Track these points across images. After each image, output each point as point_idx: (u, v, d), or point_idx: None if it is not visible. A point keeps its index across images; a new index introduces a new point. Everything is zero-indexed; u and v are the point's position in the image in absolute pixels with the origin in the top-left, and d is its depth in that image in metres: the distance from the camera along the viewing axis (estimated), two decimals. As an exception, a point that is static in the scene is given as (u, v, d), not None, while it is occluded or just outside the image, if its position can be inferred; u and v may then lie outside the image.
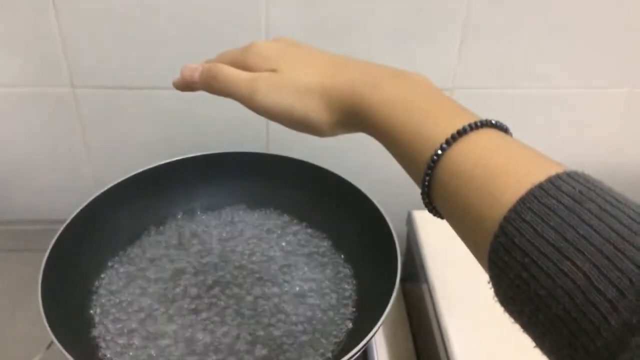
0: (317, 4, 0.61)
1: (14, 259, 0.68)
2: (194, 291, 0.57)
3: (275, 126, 0.68)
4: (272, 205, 0.66)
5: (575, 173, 0.28)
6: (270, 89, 0.37)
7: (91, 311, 0.55)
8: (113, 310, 0.55)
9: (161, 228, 0.64)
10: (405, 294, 0.72)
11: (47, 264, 0.51)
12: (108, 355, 0.51)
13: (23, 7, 0.60)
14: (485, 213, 0.28)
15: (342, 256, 0.61)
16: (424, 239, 0.64)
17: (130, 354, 0.51)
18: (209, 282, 0.58)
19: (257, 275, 0.59)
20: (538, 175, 0.27)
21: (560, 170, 0.28)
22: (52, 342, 0.55)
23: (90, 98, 0.66)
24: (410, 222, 0.67)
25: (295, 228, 0.65)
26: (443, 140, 0.31)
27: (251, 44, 0.40)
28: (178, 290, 0.57)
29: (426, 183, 0.32)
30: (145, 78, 0.65)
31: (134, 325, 0.53)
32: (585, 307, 0.24)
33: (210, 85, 0.40)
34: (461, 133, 0.31)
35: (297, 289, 0.58)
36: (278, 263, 0.60)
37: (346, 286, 0.58)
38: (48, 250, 0.52)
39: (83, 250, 0.56)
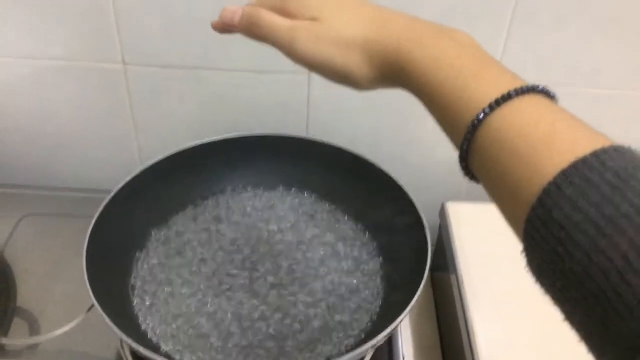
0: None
1: (60, 223, 0.70)
2: (229, 267, 0.58)
3: (315, 111, 0.69)
4: (309, 188, 0.66)
5: (622, 148, 0.26)
6: (311, 39, 0.36)
7: (132, 280, 0.56)
8: (151, 280, 0.56)
9: (201, 204, 0.65)
10: (433, 283, 0.71)
11: (93, 230, 0.52)
12: (144, 323, 0.52)
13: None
14: (524, 183, 0.27)
15: (374, 243, 0.61)
16: (455, 231, 0.63)
17: (165, 322, 0.52)
18: (244, 259, 0.59)
19: (289, 256, 0.59)
20: (583, 147, 0.26)
21: (607, 144, 0.26)
22: (92, 306, 0.57)
23: (140, 75, 0.67)
24: (443, 213, 0.67)
25: (329, 212, 0.65)
26: (486, 104, 0.29)
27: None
28: (214, 265, 0.58)
29: (465, 147, 0.31)
30: (191, 58, 0.65)
31: (169, 296, 0.55)
32: (621, 287, 0.23)
33: (250, 30, 0.38)
34: (506, 98, 0.29)
35: (328, 272, 0.58)
36: (310, 246, 0.61)
37: (376, 272, 0.58)
38: (95, 218, 0.53)
39: (126, 221, 0.58)
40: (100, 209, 0.54)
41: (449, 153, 0.79)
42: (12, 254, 0.66)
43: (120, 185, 0.57)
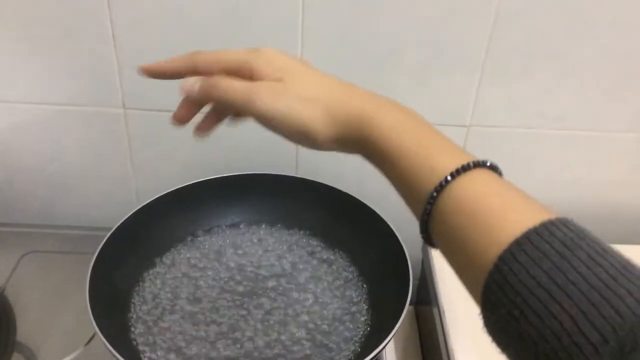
0: (347, 44, 0.63)
1: (60, 260, 0.70)
2: (223, 299, 0.59)
3: (303, 151, 0.71)
4: (297, 224, 0.68)
5: (567, 220, 0.28)
6: (272, 94, 0.36)
7: (131, 312, 0.57)
8: (149, 312, 0.57)
9: (196, 240, 0.66)
10: (418, 315, 0.72)
11: (94, 265, 0.54)
12: (143, 353, 0.53)
13: (86, 37, 0.63)
14: (481, 250, 0.28)
15: (359, 276, 0.63)
16: (436, 264, 0.65)
17: (163, 353, 0.53)
18: (237, 292, 0.60)
19: (275, 290, 0.60)
20: (533, 219, 0.28)
21: (553, 216, 0.28)
22: (91, 339, 0.58)
23: (139, 118, 0.69)
24: (425, 248, 0.68)
25: (316, 247, 0.66)
26: (447, 173, 0.31)
27: (260, 49, 0.39)
28: (209, 298, 0.59)
29: (427, 213, 0.32)
30: (188, 103, 0.67)
31: (167, 327, 0.55)
32: (571, 349, 0.24)
33: (209, 93, 0.38)
34: (465, 168, 0.31)
35: (314, 303, 0.59)
36: (298, 279, 0.62)
37: (361, 304, 0.59)
38: (95, 254, 0.55)
39: (125, 256, 0.59)
40: (100, 246, 0.56)
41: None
42: (13, 289, 0.66)
43: (118, 224, 0.59)
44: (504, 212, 0.29)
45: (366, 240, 0.63)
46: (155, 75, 0.42)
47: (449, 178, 0.31)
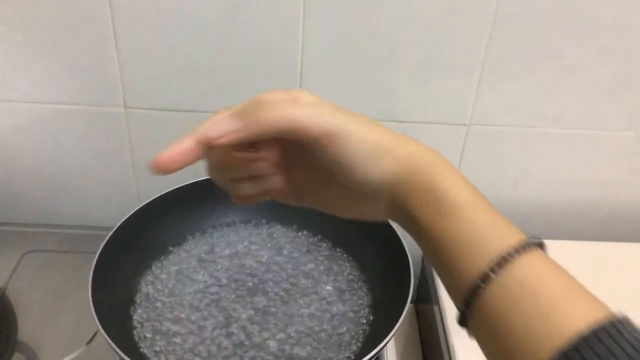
0: (348, 43, 0.63)
1: (62, 259, 0.70)
2: (223, 297, 0.58)
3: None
4: (297, 223, 0.68)
5: (627, 318, 0.27)
6: (333, 111, 0.32)
7: (133, 310, 0.57)
8: (151, 310, 0.57)
9: (197, 239, 0.66)
10: (418, 313, 0.72)
11: (96, 264, 0.53)
12: (145, 350, 0.53)
13: (87, 37, 0.63)
14: (538, 342, 0.26)
15: (360, 274, 0.62)
16: (437, 263, 0.64)
17: (165, 351, 0.53)
18: (237, 290, 0.60)
19: (277, 288, 0.60)
20: (594, 312, 0.26)
21: (610, 310, 0.27)
22: (92, 337, 0.57)
23: (140, 118, 0.69)
24: (425, 246, 0.68)
25: (316, 245, 0.66)
26: (507, 251, 0.28)
27: (296, 91, 0.33)
28: (210, 295, 0.59)
29: (470, 299, 0.29)
30: (188, 102, 0.68)
31: (169, 326, 0.55)
32: None
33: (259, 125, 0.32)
34: (523, 248, 0.28)
35: (314, 302, 0.59)
36: (298, 277, 0.62)
37: (361, 302, 0.59)
38: (97, 253, 0.55)
39: (126, 255, 0.59)
40: (102, 245, 0.56)
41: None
42: (14, 289, 0.66)
43: (119, 223, 0.59)
44: (565, 302, 0.27)
45: (367, 238, 0.63)
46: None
47: (508, 257, 0.28)
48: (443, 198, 0.31)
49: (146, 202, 0.62)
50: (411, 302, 0.52)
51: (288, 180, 0.36)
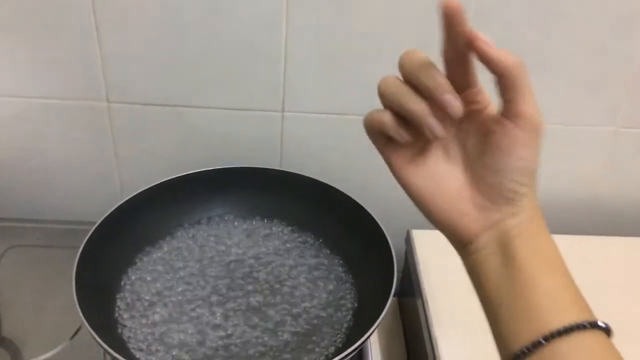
0: (332, 39, 0.63)
1: (45, 254, 0.70)
2: (207, 293, 0.58)
3: (288, 145, 0.71)
4: (281, 217, 0.68)
5: None
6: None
7: (117, 304, 0.57)
8: (136, 304, 0.57)
9: (180, 233, 0.66)
10: (401, 306, 0.73)
11: (79, 259, 0.53)
12: (130, 343, 0.52)
13: (69, 31, 0.62)
14: None
15: (344, 268, 0.63)
16: (420, 256, 0.65)
17: (151, 344, 0.53)
18: (221, 285, 0.60)
19: (262, 282, 0.60)
20: None
21: None
22: (76, 332, 0.57)
23: (123, 112, 0.68)
24: (408, 240, 0.68)
25: (301, 239, 0.66)
26: (560, 326, 0.29)
27: None
28: (194, 290, 0.59)
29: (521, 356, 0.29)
30: (172, 97, 0.67)
31: (154, 320, 0.55)
32: None
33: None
34: (579, 327, 0.29)
35: (298, 295, 0.59)
36: (282, 271, 0.62)
37: (345, 295, 0.60)
38: (81, 248, 0.54)
39: (110, 250, 0.59)
40: (85, 239, 0.55)
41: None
42: (-3, 284, 0.65)
43: (102, 217, 0.58)
44: None
45: (351, 233, 0.63)
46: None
47: (555, 333, 0.29)
48: (549, 254, 0.32)
49: (129, 196, 0.61)
50: (394, 295, 0.53)
51: (450, 143, 0.35)
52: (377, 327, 0.49)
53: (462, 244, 0.34)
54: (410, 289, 0.65)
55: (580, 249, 0.69)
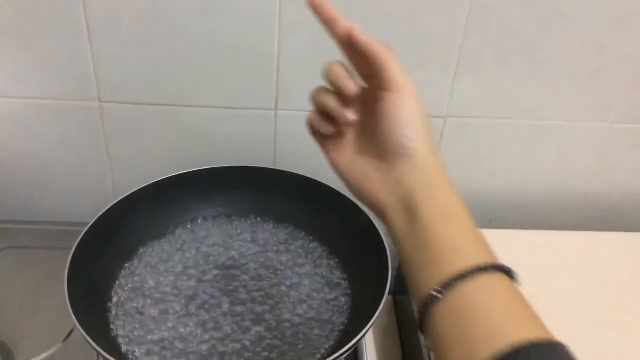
0: (325, 37, 0.62)
1: (38, 256, 0.69)
2: (202, 293, 0.58)
3: (282, 143, 0.71)
4: (276, 216, 0.68)
5: (566, 347, 0.29)
6: (401, 70, 0.38)
7: (110, 306, 0.56)
8: (129, 306, 0.56)
9: (174, 234, 0.65)
10: (396, 305, 0.73)
11: (72, 261, 0.52)
12: (124, 345, 0.52)
13: (60, 29, 0.62)
14: (473, 354, 0.29)
15: (339, 267, 0.63)
16: (415, 254, 0.65)
17: (144, 346, 0.52)
18: (216, 285, 0.59)
19: (256, 281, 0.60)
20: (535, 334, 0.29)
21: (549, 336, 0.29)
22: (69, 334, 0.57)
23: (115, 112, 0.68)
24: (403, 238, 0.68)
25: (296, 238, 0.66)
26: (463, 270, 0.31)
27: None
28: (189, 291, 0.59)
29: (429, 301, 0.32)
30: (165, 96, 0.67)
31: (147, 321, 0.55)
32: None
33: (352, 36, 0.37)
34: (481, 269, 0.31)
35: (293, 294, 0.59)
36: (278, 270, 0.62)
37: (340, 294, 0.59)
38: (73, 249, 0.54)
39: (103, 251, 0.58)
40: (77, 241, 0.55)
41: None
42: (-11, 286, 0.64)
43: (95, 218, 0.58)
44: (504, 322, 0.30)
45: (345, 231, 0.63)
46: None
47: (457, 277, 0.31)
48: (448, 205, 0.36)
49: (122, 197, 0.61)
50: (389, 294, 0.53)
51: (358, 127, 0.40)
52: (372, 325, 0.49)
53: (382, 214, 0.38)
54: (406, 287, 0.64)
55: (575, 245, 0.69)
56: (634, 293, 0.62)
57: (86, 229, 0.56)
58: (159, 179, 0.63)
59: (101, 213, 0.58)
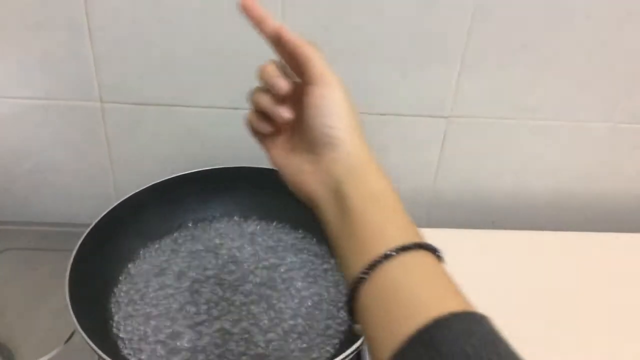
0: (327, 37, 0.63)
1: (38, 257, 0.69)
2: (205, 293, 0.58)
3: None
4: (279, 217, 0.67)
5: (487, 317, 0.29)
6: (327, 66, 0.39)
7: (111, 307, 0.56)
8: (130, 306, 0.56)
9: (175, 235, 0.65)
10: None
11: (73, 262, 0.52)
12: (124, 348, 0.52)
13: (60, 29, 0.62)
14: (396, 328, 0.30)
15: (342, 268, 0.62)
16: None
17: (145, 347, 0.52)
18: (219, 285, 0.59)
19: (259, 282, 0.60)
20: (457, 306, 0.29)
21: (470, 309, 0.30)
22: (71, 336, 0.56)
23: (117, 113, 0.67)
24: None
25: (299, 239, 0.66)
26: (393, 248, 0.32)
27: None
28: (191, 292, 0.58)
29: (355, 286, 0.33)
30: (166, 96, 0.66)
31: (148, 322, 0.54)
32: None
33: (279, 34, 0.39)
34: (405, 249, 0.32)
35: (296, 295, 0.59)
36: (281, 270, 0.61)
37: (343, 296, 0.59)
38: (74, 251, 0.54)
39: (105, 251, 0.58)
40: (79, 242, 0.55)
41: (409, 184, 0.82)
42: (-11, 288, 0.64)
43: (96, 219, 0.58)
44: (431, 295, 0.31)
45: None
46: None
47: (382, 257, 0.32)
48: (375, 190, 0.36)
49: (123, 198, 0.61)
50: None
51: (294, 124, 0.41)
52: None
53: (316, 207, 0.39)
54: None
55: (579, 246, 0.68)
56: (638, 294, 0.62)
57: (87, 230, 0.56)
58: (160, 180, 0.63)
59: (103, 214, 0.58)
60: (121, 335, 0.53)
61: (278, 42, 0.40)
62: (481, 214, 0.77)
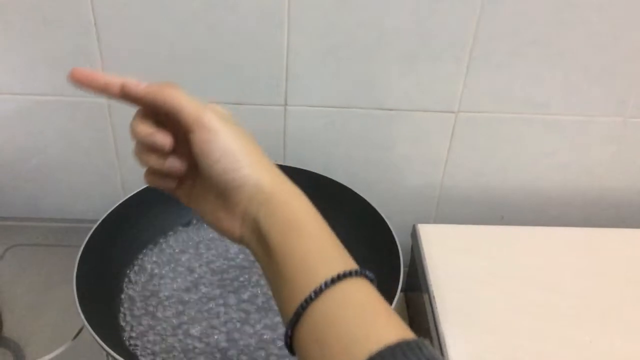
0: (334, 32, 0.62)
1: (46, 253, 0.69)
2: (211, 289, 0.58)
3: (291, 139, 0.70)
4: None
5: (426, 343, 0.29)
6: (222, 119, 0.36)
7: (119, 305, 0.56)
8: (138, 303, 0.56)
9: (182, 232, 0.65)
10: (407, 302, 0.72)
11: (81, 258, 0.52)
12: (132, 344, 0.52)
13: (67, 26, 0.62)
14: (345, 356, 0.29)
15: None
16: (426, 251, 0.64)
17: (153, 344, 0.52)
18: (226, 283, 0.59)
19: (262, 279, 0.59)
20: (390, 336, 0.29)
21: (410, 336, 0.29)
22: (79, 332, 0.57)
23: (123, 109, 0.67)
24: (414, 235, 0.68)
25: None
26: (323, 283, 0.32)
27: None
28: (196, 287, 0.58)
29: (295, 319, 0.32)
30: (174, 92, 0.66)
31: (156, 319, 0.54)
32: None
33: (158, 96, 0.36)
34: (340, 278, 0.32)
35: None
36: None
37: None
38: (82, 247, 0.54)
39: (111, 249, 0.58)
40: (86, 238, 0.55)
41: (418, 179, 0.81)
42: (-2, 284, 0.64)
43: (104, 216, 0.58)
44: (364, 328, 0.30)
45: (356, 228, 0.62)
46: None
47: (323, 287, 0.31)
48: (292, 220, 0.35)
49: (131, 194, 0.61)
50: (401, 290, 0.52)
51: (186, 174, 0.39)
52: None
53: (249, 249, 0.37)
54: (417, 284, 0.64)
55: (589, 241, 0.68)
56: (650, 290, 0.61)
57: (95, 226, 0.56)
58: (167, 176, 0.63)
59: (110, 210, 0.58)
60: (128, 331, 0.53)
61: (132, 99, 0.37)
62: (490, 210, 0.76)
